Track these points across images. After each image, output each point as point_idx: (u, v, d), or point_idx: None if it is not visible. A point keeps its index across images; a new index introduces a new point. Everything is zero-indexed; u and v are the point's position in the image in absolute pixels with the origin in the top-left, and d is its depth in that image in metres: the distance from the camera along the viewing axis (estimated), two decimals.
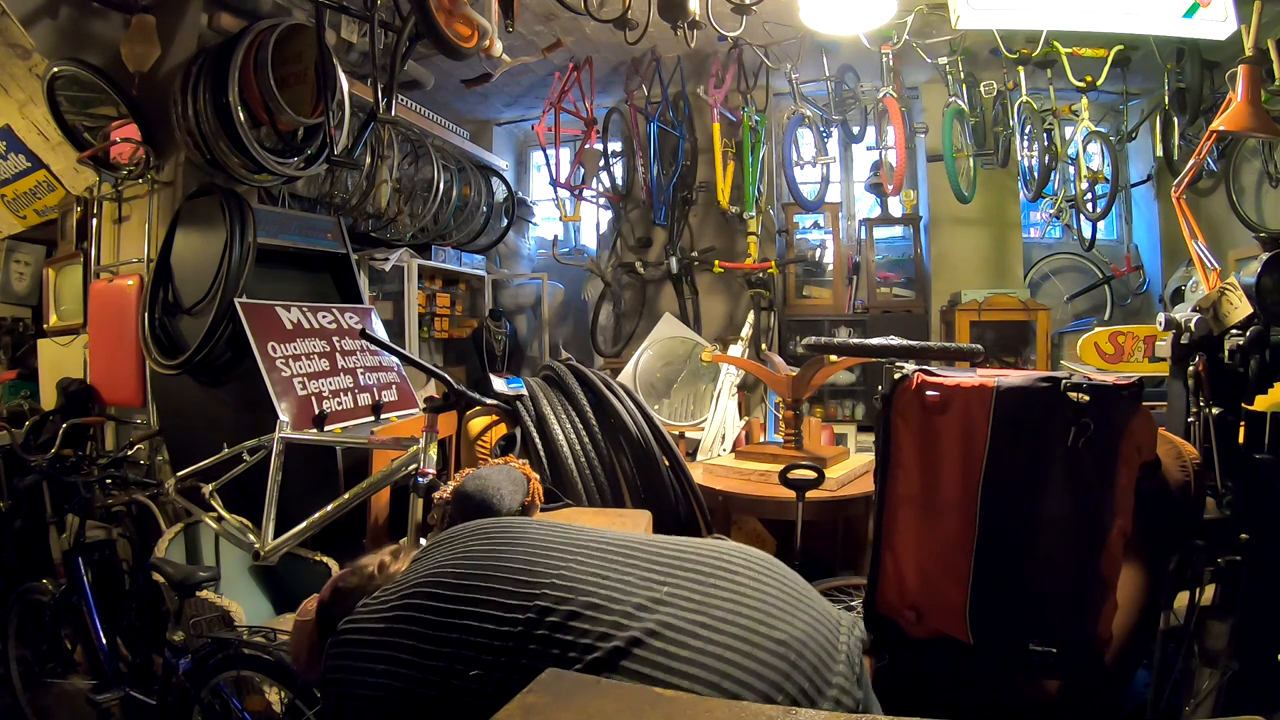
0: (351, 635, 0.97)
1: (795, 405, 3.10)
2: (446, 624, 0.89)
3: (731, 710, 0.64)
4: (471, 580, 0.92)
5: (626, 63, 4.99)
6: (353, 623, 0.98)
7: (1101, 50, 4.35)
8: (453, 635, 0.87)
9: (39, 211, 3.71)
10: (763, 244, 5.01)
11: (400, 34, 2.78)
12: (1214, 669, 1.46)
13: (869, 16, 3.35)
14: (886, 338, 2.34)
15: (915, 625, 1.61)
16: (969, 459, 1.50)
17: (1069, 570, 1.44)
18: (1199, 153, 2.36)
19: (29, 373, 3.72)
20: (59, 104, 3.03)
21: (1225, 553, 1.49)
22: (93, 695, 2.22)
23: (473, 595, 0.90)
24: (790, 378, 3.08)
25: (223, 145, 2.79)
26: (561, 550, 0.94)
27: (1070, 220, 4.88)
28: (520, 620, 0.86)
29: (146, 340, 2.85)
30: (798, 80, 4.70)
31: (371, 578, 1.08)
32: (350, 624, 0.98)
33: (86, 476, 2.48)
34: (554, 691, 0.67)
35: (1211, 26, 2.81)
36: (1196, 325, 1.68)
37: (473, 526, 1.06)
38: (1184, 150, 4.45)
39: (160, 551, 2.35)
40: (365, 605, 1.00)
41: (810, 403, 4.64)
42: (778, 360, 3.30)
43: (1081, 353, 3.25)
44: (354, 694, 0.92)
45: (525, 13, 3.85)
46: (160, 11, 2.86)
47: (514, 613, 0.87)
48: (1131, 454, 1.43)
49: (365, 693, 0.91)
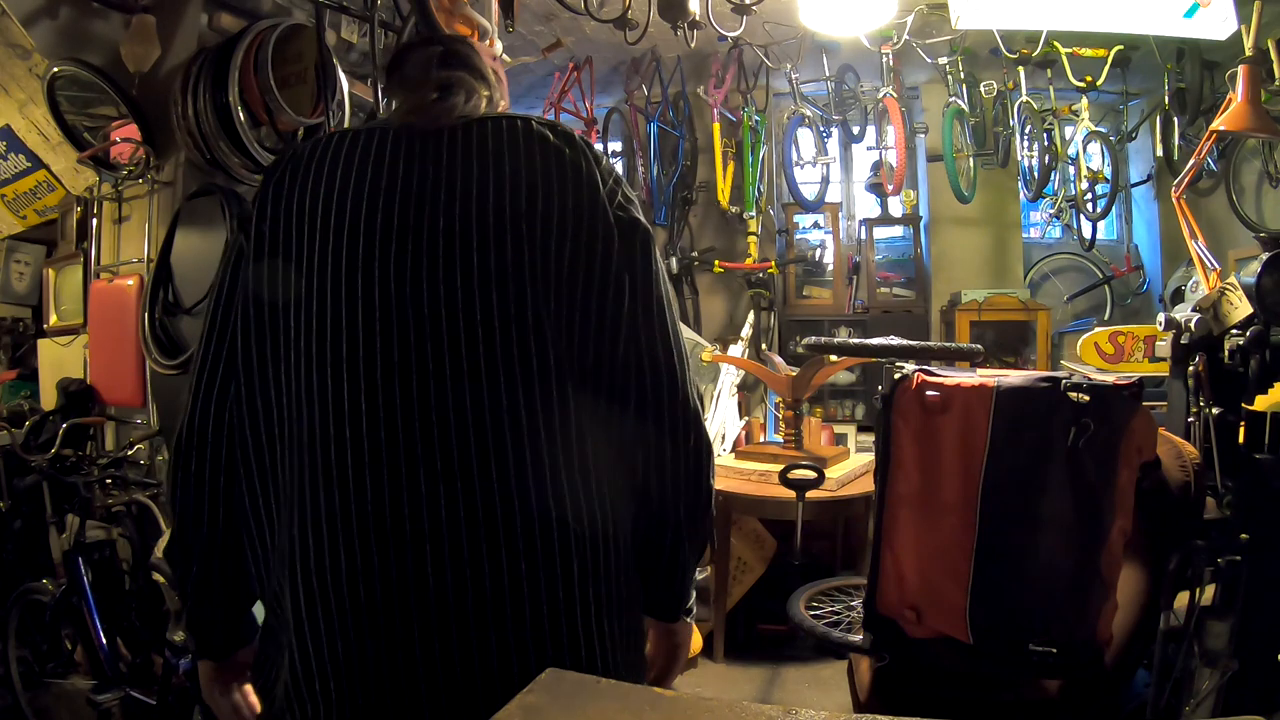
0: None
1: (795, 405, 3.10)
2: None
3: (732, 710, 0.64)
4: None
5: (626, 63, 4.99)
6: None
7: (1101, 50, 4.35)
8: None
9: (39, 211, 3.71)
10: (763, 244, 5.01)
11: (400, 34, 2.79)
12: (1214, 669, 1.47)
13: (869, 17, 3.35)
14: (886, 338, 2.34)
15: (915, 625, 1.61)
16: (969, 459, 1.50)
17: (1069, 570, 1.44)
18: (1199, 153, 2.36)
19: (29, 373, 3.72)
20: (59, 104, 3.03)
21: (1225, 553, 1.49)
22: (93, 695, 2.21)
23: None
24: (790, 378, 3.08)
25: (223, 145, 2.79)
26: None
27: (1070, 220, 4.88)
28: None
29: (146, 340, 2.85)
30: (798, 80, 4.70)
31: None
32: None
33: (86, 476, 2.49)
34: (553, 692, 0.67)
35: (1211, 26, 2.81)
36: (1196, 325, 1.68)
37: None
38: (1184, 150, 4.45)
39: (160, 551, 2.35)
40: None
41: (810, 403, 4.64)
42: (778, 360, 3.30)
43: (1081, 353, 3.25)
44: None
45: (525, 13, 3.85)
46: (160, 11, 2.85)
47: None
48: (1131, 454, 1.43)
49: None
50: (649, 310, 0.92)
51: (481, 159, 0.91)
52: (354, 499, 0.85)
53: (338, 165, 0.92)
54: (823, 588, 2.29)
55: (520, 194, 0.90)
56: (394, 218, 0.89)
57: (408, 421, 0.85)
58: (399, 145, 0.93)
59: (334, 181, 0.91)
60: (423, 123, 0.94)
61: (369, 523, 0.85)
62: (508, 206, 0.89)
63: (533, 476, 0.86)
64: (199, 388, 0.94)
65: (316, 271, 0.89)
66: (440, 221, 0.89)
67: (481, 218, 0.89)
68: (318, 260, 0.89)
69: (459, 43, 1.04)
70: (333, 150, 0.94)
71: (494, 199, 0.89)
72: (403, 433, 0.85)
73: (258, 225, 0.93)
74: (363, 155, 0.92)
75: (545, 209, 0.90)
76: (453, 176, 0.90)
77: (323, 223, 0.90)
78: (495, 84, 1.03)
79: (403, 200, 0.90)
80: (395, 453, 0.85)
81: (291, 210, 0.92)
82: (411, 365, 0.86)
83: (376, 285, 0.88)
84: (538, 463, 0.86)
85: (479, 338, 0.86)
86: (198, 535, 0.94)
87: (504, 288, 0.87)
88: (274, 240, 0.92)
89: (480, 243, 0.88)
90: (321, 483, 0.86)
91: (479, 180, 0.90)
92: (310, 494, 0.86)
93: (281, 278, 0.90)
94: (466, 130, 0.93)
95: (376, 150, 0.93)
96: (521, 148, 0.92)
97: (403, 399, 0.85)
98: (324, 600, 0.85)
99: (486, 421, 0.85)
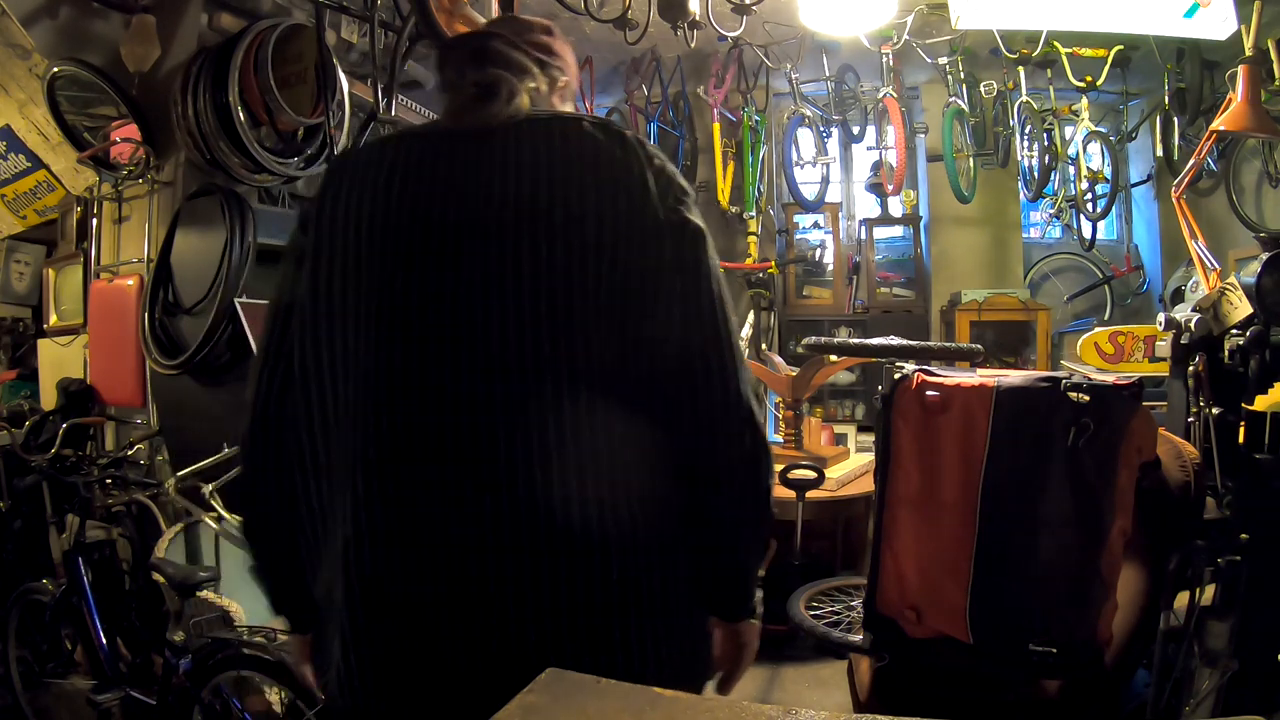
0: None
1: (795, 405, 3.10)
2: None
3: (732, 710, 0.64)
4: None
5: (626, 63, 4.99)
6: None
7: (1101, 50, 4.35)
8: None
9: (39, 211, 3.71)
10: (763, 244, 5.00)
11: (400, 34, 2.79)
12: (1214, 669, 1.47)
13: (869, 17, 3.35)
14: (886, 338, 2.35)
15: (915, 625, 1.61)
16: (969, 459, 1.50)
17: (1069, 570, 1.44)
18: (1199, 153, 2.36)
19: (29, 373, 3.72)
20: (59, 104, 3.03)
21: (1225, 553, 1.49)
22: (93, 695, 2.21)
23: None
24: (790, 378, 3.08)
25: (223, 145, 2.79)
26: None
27: (1070, 220, 4.89)
28: None
29: (146, 340, 2.85)
30: (798, 80, 4.70)
31: None
32: None
33: (86, 476, 2.48)
34: (554, 691, 0.67)
35: (1211, 26, 2.81)
36: (1196, 325, 1.68)
37: None
38: (1184, 150, 4.45)
39: (160, 551, 2.35)
40: None
41: (810, 403, 4.64)
42: (778, 360, 3.30)
43: (1081, 353, 3.25)
44: None
45: (525, 13, 3.85)
46: (160, 11, 2.85)
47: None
48: (1131, 454, 1.43)
49: None
50: (700, 314, 0.91)
51: (533, 161, 0.91)
52: (404, 501, 0.88)
53: (386, 169, 0.94)
54: (823, 588, 2.29)
55: (569, 198, 0.90)
56: (441, 222, 0.90)
57: (454, 422, 0.87)
58: (446, 149, 0.94)
59: (384, 186, 0.93)
60: (466, 126, 0.95)
61: (419, 524, 0.87)
62: (556, 209, 0.89)
63: (575, 482, 0.87)
64: (263, 379, 0.98)
65: (365, 277, 0.91)
66: (488, 226, 0.89)
67: (531, 223, 0.89)
68: (366, 266, 0.91)
69: (493, 38, 1.02)
70: (384, 153, 0.97)
71: (540, 203, 0.89)
72: (451, 433, 0.87)
73: (316, 225, 0.96)
74: (412, 160, 0.94)
75: (594, 211, 0.89)
76: (500, 180, 0.90)
77: (368, 227, 0.92)
78: (541, 71, 1.01)
79: (450, 204, 0.91)
80: (443, 454, 0.87)
81: (343, 213, 0.94)
82: (462, 367, 0.87)
83: (418, 290, 0.90)
84: (581, 468, 0.87)
85: (525, 342, 0.87)
86: (269, 519, 1.00)
87: (552, 294, 0.87)
88: (330, 242, 0.94)
89: (529, 247, 0.88)
90: (377, 487, 0.88)
91: (525, 184, 0.90)
92: (363, 493, 0.89)
93: (334, 279, 0.93)
94: (514, 131, 0.93)
95: (425, 155, 0.94)
96: (572, 150, 0.92)
97: (452, 400, 0.87)
98: (374, 596, 0.88)
99: (532, 425, 0.86)
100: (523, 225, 0.89)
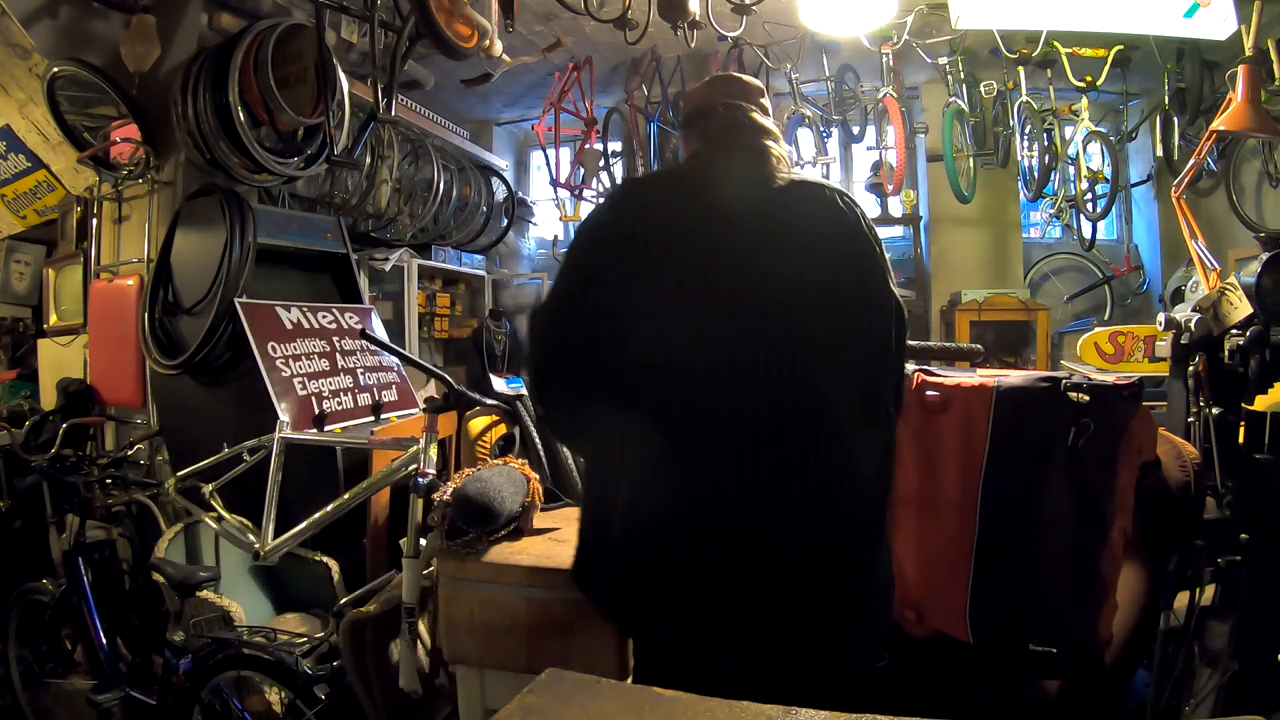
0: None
1: None
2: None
3: (732, 710, 0.64)
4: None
5: (626, 63, 4.99)
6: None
7: (1101, 50, 4.35)
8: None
9: (39, 211, 3.71)
10: None
11: (400, 34, 2.79)
12: (1214, 669, 1.46)
13: (869, 17, 3.35)
14: None
15: (915, 625, 1.61)
16: (969, 459, 1.50)
17: (1069, 570, 1.44)
18: (1199, 153, 2.36)
19: (29, 373, 3.72)
20: (59, 104, 3.03)
21: (1225, 553, 1.49)
22: (93, 695, 2.21)
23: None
24: None
25: (223, 145, 2.79)
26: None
27: (1070, 220, 4.88)
28: None
29: (146, 340, 2.85)
30: (798, 80, 4.70)
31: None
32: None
33: (86, 476, 2.48)
34: (554, 691, 0.67)
35: (1211, 26, 2.80)
36: (1196, 325, 1.68)
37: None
38: (1184, 150, 4.45)
39: (160, 551, 2.35)
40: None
41: None
42: None
43: (1081, 353, 3.25)
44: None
45: (525, 13, 3.85)
46: (160, 11, 2.85)
47: None
48: (1132, 454, 1.43)
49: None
50: (901, 373, 1.29)
51: (803, 227, 1.19)
52: (706, 480, 1.12)
53: (682, 199, 1.22)
54: None
55: (832, 267, 1.19)
56: (732, 268, 1.16)
57: (754, 437, 1.13)
58: (728, 198, 1.19)
59: (682, 212, 1.20)
60: (746, 188, 1.21)
61: (717, 510, 1.12)
62: (821, 277, 1.17)
63: (834, 490, 1.14)
64: (556, 323, 1.24)
65: (672, 287, 1.16)
66: (773, 287, 1.15)
67: (803, 285, 1.16)
68: (672, 280, 1.16)
69: (754, 110, 1.31)
70: (676, 184, 1.28)
71: (809, 270, 1.16)
72: (750, 441, 1.13)
73: (629, 224, 1.22)
74: (698, 198, 1.21)
75: (849, 281, 1.19)
76: (778, 239, 1.17)
77: (678, 245, 1.17)
78: (780, 136, 1.30)
79: (736, 251, 1.16)
80: (741, 452, 1.13)
81: (648, 224, 1.20)
82: (762, 395, 1.13)
83: (726, 320, 1.15)
84: (838, 479, 1.15)
85: (798, 380, 1.13)
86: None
87: (828, 350, 1.15)
88: (637, 243, 1.18)
89: (806, 310, 1.15)
90: (683, 456, 1.13)
91: (799, 246, 1.18)
92: (667, 458, 1.13)
93: (646, 281, 1.17)
94: (783, 194, 1.21)
95: (711, 197, 1.20)
96: (831, 220, 1.21)
97: (752, 420, 1.13)
98: (653, 544, 1.14)
99: (811, 446, 1.13)
100: (802, 290, 1.15)
